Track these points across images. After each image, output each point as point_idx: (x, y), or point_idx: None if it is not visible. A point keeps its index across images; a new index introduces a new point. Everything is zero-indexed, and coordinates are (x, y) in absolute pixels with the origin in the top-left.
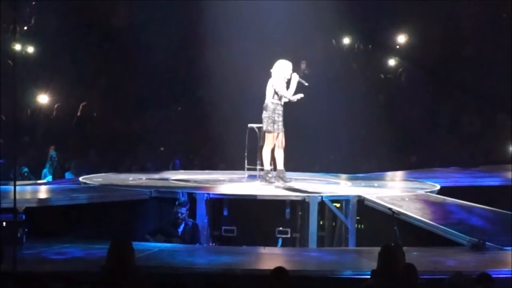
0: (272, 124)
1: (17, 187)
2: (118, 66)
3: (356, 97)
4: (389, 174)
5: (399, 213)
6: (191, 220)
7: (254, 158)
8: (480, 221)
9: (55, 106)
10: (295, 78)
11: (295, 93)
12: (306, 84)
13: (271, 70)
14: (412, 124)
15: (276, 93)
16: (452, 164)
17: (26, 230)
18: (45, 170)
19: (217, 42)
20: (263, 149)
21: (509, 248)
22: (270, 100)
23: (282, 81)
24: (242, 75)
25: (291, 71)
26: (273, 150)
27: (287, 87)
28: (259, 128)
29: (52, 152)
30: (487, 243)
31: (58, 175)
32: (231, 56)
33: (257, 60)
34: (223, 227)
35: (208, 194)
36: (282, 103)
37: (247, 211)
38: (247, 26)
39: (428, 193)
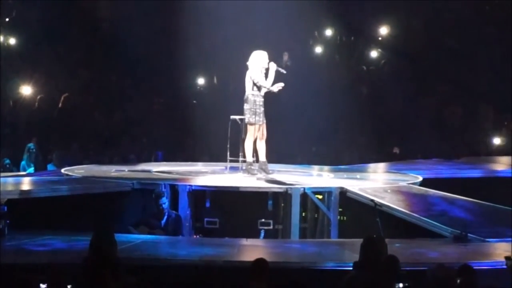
0: (253, 116)
1: None
2: (100, 57)
3: (339, 89)
4: (372, 166)
5: (382, 205)
6: (174, 212)
7: (237, 150)
8: (463, 212)
9: (37, 97)
10: (273, 67)
11: (274, 82)
12: (284, 72)
13: (247, 63)
14: (395, 115)
15: (255, 84)
16: (434, 156)
17: (8, 222)
18: (23, 162)
19: (199, 34)
20: (245, 141)
21: (491, 240)
22: (250, 92)
23: (259, 71)
24: (224, 66)
25: (267, 61)
26: (255, 142)
27: (266, 77)
28: (241, 119)
29: (30, 144)
30: (469, 234)
31: (39, 167)
32: (213, 47)
33: (239, 52)
34: (206, 219)
35: (191, 186)
36: (263, 94)
37: (230, 203)
38: (229, 18)
39: (411, 185)
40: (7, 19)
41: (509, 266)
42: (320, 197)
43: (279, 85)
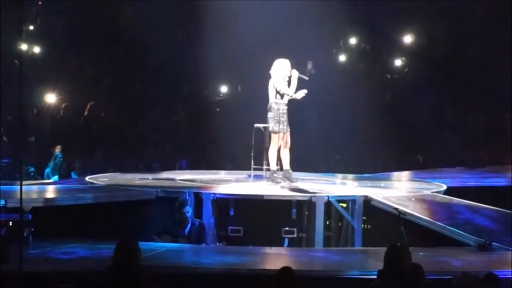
0: (277, 125)
1: (23, 187)
2: (124, 65)
3: (363, 97)
4: (396, 174)
5: (406, 213)
6: (197, 220)
7: (261, 158)
8: (487, 221)
9: (62, 106)
10: (295, 74)
11: (297, 90)
12: (307, 78)
13: (270, 71)
14: (419, 124)
15: (278, 92)
16: (458, 164)
17: (32, 229)
18: (47, 170)
19: (223, 42)
20: (269, 149)
21: None
22: (273, 100)
23: (282, 79)
24: (248, 74)
25: (290, 68)
26: (279, 150)
27: (289, 85)
28: (265, 128)
29: (57, 152)
30: (493, 243)
31: (64, 175)
32: (237, 55)
33: (263, 60)
34: (230, 227)
35: (215, 194)
36: (286, 102)
37: (254, 211)
38: (253, 26)
39: (435, 193)
40: (31, 27)
41: None
42: (344, 205)
43: (303, 92)
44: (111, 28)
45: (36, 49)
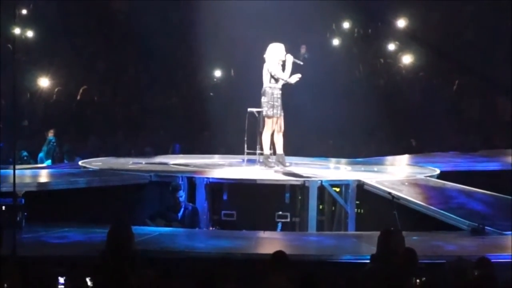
0: (271, 109)
1: (17, 171)
2: (117, 50)
3: (356, 81)
4: (389, 158)
5: (399, 198)
6: (190, 204)
7: (254, 142)
8: (480, 205)
9: (55, 90)
10: (290, 59)
11: (291, 74)
12: (301, 63)
13: (264, 56)
14: (412, 108)
15: (272, 77)
16: (451, 149)
17: (25, 214)
18: (41, 154)
19: (216, 26)
20: (263, 133)
21: (509, 232)
22: (267, 85)
23: (277, 64)
24: (241, 59)
25: (284, 53)
26: (272, 135)
27: (283, 70)
28: (259, 112)
29: (50, 136)
30: (486, 227)
31: (57, 160)
32: (230, 40)
33: (256, 45)
34: (223, 212)
35: (208, 178)
36: (280, 87)
37: (247, 195)
38: (246, 11)
39: (428, 178)
40: (24, 11)
41: None
42: (338, 189)
43: (297, 76)
44: (104, 12)
45: (29, 33)
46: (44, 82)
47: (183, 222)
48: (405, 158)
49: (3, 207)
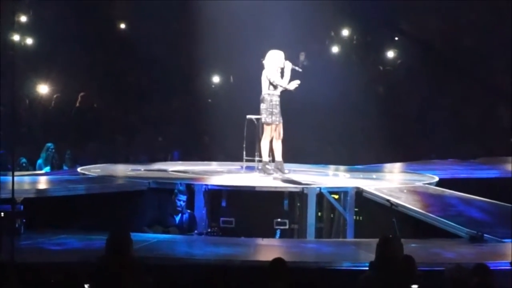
0: (270, 116)
1: (15, 178)
2: (117, 57)
3: (355, 89)
4: (388, 166)
5: (398, 205)
6: (188, 211)
7: (253, 149)
8: (479, 213)
9: (54, 96)
10: (288, 66)
11: (290, 81)
12: (300, 70)
13: (263, 62)
14: (411, 115)
15: (271, 83)
16: (450, 156)
17: (24, 220)
18: (39, 161)
19: (215, 34)
20: (262, 140)
21: (508, 240)
22: (266, 91)
23: (275, 71)
24: (240, 66)
25: (283, 60)
26: (271, 142)
27: (282, 76)
28: (258, 119)
29: (49, 143)
30: (485, 235)
31: (56, 167)
32: (229, 47)
33: (256, 52)
34: (222, 218)
35: (207, 185)
36: (279, 93)
37: (246, 202)
38: (246, 18)
39: (427, 185)
40: (24, 19)
41: None
42: (336, 197)
43: (296, 83)
44: (104, 20)
45: (29, 40)
46: (43, 88)
47: (181, 228)
48: (404, 166)
49: (2, 214)
